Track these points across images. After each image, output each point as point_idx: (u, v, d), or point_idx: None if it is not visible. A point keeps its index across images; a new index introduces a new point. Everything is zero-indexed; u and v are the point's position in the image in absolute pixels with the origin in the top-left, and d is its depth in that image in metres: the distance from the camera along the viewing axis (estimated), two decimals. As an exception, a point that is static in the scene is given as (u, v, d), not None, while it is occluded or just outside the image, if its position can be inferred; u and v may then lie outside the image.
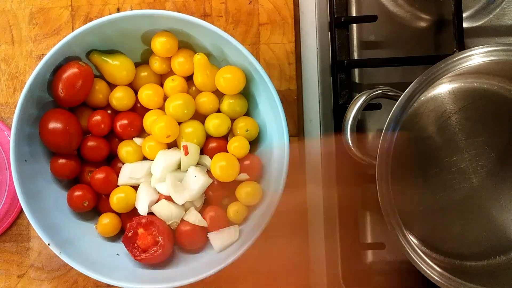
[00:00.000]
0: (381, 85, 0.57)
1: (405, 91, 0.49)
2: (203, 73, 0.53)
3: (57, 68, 0.52)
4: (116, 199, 0.53)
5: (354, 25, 0.62)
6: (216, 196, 0.54)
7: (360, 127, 0.61)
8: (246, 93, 0.55)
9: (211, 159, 0.53)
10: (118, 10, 0.60)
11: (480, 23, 0.62)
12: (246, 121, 0.55)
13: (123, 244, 0.52)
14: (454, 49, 0.56)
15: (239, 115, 0.55)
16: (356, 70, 0.62)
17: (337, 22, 0.60)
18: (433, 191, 0.57)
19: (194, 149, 0.53)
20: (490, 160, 0.57)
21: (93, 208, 0.55)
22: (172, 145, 0.54)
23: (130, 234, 0.52)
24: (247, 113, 0.56)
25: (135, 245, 0.52)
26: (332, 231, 0.60)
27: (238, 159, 0.53)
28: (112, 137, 0.55)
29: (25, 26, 0.61)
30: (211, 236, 0.53)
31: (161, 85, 0.56)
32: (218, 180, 0.53)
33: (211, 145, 0.54)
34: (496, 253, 0.57)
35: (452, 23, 0.57)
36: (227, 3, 0.60)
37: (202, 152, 0.55)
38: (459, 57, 0.49)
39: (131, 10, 0.50)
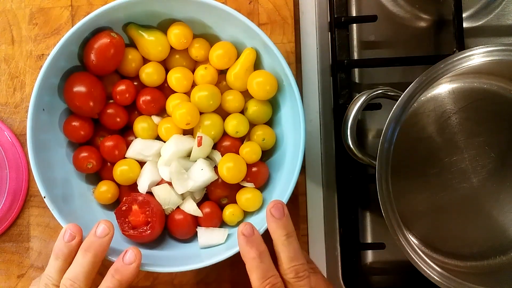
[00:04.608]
0: (381, 85, 0.57)
1: (405, 91, 0.49)
2: (243, 69, 0.53)
3: (89, 36, 0.53)
4: (120, 170, 0.53)
5: (354, 25, 0.62)
6: (216, 194, 0.54)
7: (360, 127, 0.61)
8: (271, 99, 0.55)
9: (222, 156, 0.53)
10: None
11: (480, 23, 0.62)
12: (264, 130, 0.54)
13: (114, 216, 0.52)
14: (454, 49, 0.56)
15: (261, 122, 0.55)
16: (356, 70, 0.62)
17: (337, 22, 0.60)
18: (433, 191, 0.57)
19: (208, 142, 0.53)
20: (490, 160, 0.57)
21: (95, 172, 0.55)
22: (188, 132, 0.54)
23: (124, 208, 0.52)
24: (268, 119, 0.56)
25: (126, 220, 0.52)
26: (332, 231, 0.60)
27: (247, 164, 0.53)
28: (133, 109, 0.56)
29: (25, 26, 0.61)
30: (200, 230, 0.54)
31: (193, 71, 0.55)
32: (223, 180, 0.53)
33: (225, 143, 0.54)
34: (496, 253, 0.57)
35: (452, 23, 0.57)
36: (226, 3, 0.60)
37: (214, 147, 0.55)
38: (459, 57, 0.49)
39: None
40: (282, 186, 0.52)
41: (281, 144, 0.55)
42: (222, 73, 0.56)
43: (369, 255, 0.61)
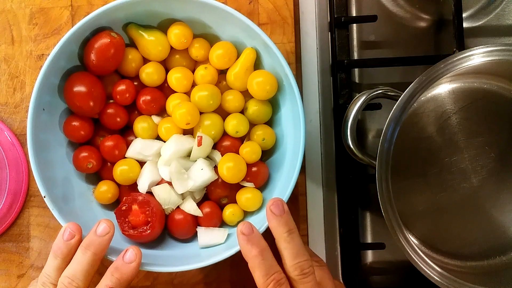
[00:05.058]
0: (381, 85, 0.57)
1: (405, 91, 0.49)
2: (243, 69, 0.53)
3: (90, 36, 0.53)
4: (120, 170, 0.53)
5: (354, 25, 0.62)
6: (216, 194, 0.54)
7: (360, 127, 0.61)
8: (271, 99, 0.55)
9: (222, 156, 0.53)
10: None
11: (480, 23, 0.62)
12: (264, 130, 0.54)
13: (114, 216, 0.52)
14: (454, 49, 0.56)
15: (261, 122, 0.55)
16: (356, 70, 0.62)
17: (337, 22, 0.60)
18: (433, 191, 0.57)
19: (208, 142, 0.53)
20: (490, 160, 0.57)
21: (95, 172, 0.55)
22: (188, 132, 0.54)
23: (124, 208, 0.52)
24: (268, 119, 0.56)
25: (126, 219, 0.52)
26: (332, 231, 0.60)
27: (247, 163, 0.53)
28: (133, 109, 0.56)
29: (25, 26, 0.61)
30: (200, 230, 0.54)
31: (193, 71, 0.55)
32: (223, 179, 0.53)
33: (225, 143, 0.54)
34: (496, 253, 0.57)
35: (452, 23, 0.57)
36: (227, 3, 0.60)
37: (214, 146, 0.55)
38: (459, 57, 0.49)
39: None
40: (282, 186, 0.52)
41: (281, 144, 0.55)
42: (222, 73, 0.56)
43: (369, 255, 0.61)
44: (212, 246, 0.53)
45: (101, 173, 0.56)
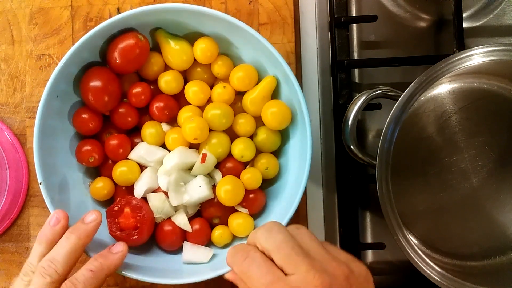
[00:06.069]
0: (381, 85, 0.57)
1: (405, 91, 0.49)
2: (260, 96, 0.53)
3: (117, 33, 0.53)
4: (120, 170, 0.54)
5: (354, 25, 0.62)
6: (209, 213, 0.54)
7: (360, 127, 0.61)
8: (282, 129, 0.55)
9: (222, 177, 0.53)
10: (118, 10, 0.60)
11: (480, 23, 0.62)
12: (269, 159, 0.54)
13: (105, 214, 0.52)
14: (454, 49, 0.56)
15: (267, 151, 0.55)
16: (356, 70, 0.62)
17: (337, 22, 0.60)
18: (433, 191, 0.57)
19: (211, 160, 0.53)
20: (490, 160, 0.57)
21: (96, 167, 0.55)
22: (194, 145, 0.54)
23: (116, 209, 0.52)
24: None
25: (116, 220, 0.52)
26: (332, 231, 0.60)
27: (245, 189, 0.53)
28: (145, 113, 0.56)
29: (25, 26, 0.61)
30: (186, 245, 0.54)
31: (212, 86, 0.55)
32: (219, 200, 0.53)
33: (228, 165, 0.54)
34: (496, 253, 0.57)
35: (452, 23, 0.57)
36: (227, 3, 0.60)
37: (217, 166, 0.54)
38: (459, 57, 0.49)
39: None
40: (277, 217, 0.52)
41: (283, 175, 0.55)
42: (239, 94, 0.55)
43: (369, 255, 0.61)
44: (195, 263, 0.53)
45: (100, 169, 0.56)
